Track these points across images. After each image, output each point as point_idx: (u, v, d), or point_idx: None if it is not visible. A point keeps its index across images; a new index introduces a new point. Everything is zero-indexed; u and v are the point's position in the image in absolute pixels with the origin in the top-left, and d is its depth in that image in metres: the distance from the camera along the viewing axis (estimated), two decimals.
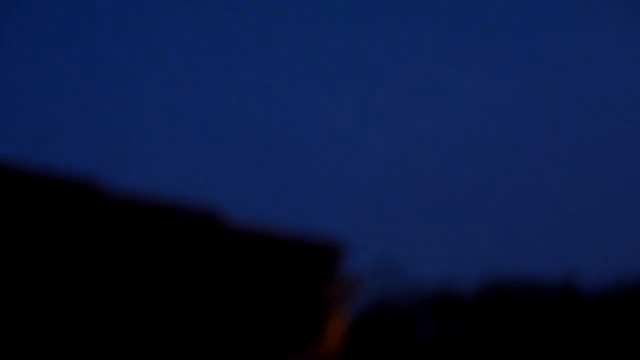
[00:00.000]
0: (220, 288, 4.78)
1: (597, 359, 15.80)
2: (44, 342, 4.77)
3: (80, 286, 4.87)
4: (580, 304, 16.57)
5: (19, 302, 4.75)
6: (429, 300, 17.06)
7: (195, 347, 4.80)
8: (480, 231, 30.88)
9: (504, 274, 17.17)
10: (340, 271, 4.92)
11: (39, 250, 4.97)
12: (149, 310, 4.74)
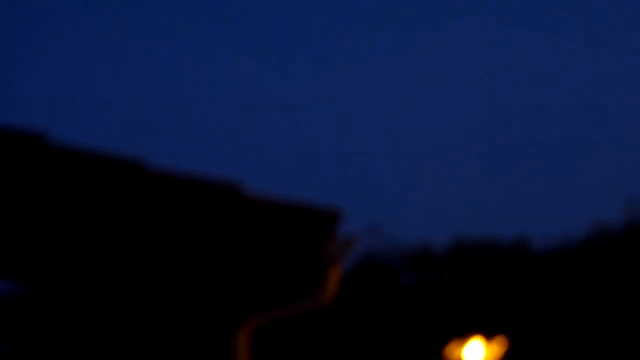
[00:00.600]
0: (242, 247, 5.06)
1: (544, 305, 16.72)
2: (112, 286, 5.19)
3: (123, 248, 5.16)
4: (531, 258, 17.58)
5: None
6: (409, 256, 18.22)
7: (218, 295, 5.05)
8: (449, 199, 31.86)
9: (469, 235, 17.99)
10: (337, 233, 5.10)
11: (94, 215, 5.19)
12: (182, 262, 5.00)
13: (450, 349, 16.15)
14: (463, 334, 16.50)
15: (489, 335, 16.33)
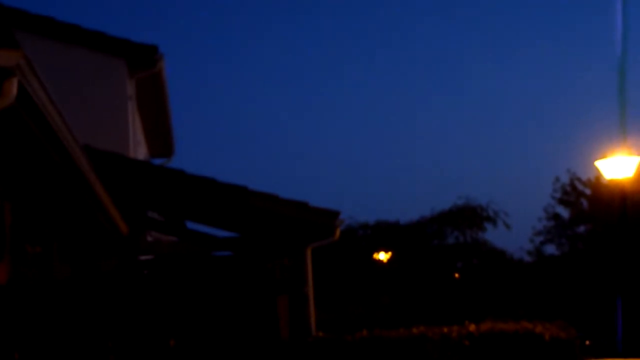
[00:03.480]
0: (312, 223, 13.51)
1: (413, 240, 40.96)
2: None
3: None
4: (401, 227, 43.55)
5: None
6: (361, 225, 42.47)
7: (303, 236, 13.53)
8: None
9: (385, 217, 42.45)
10: (339, 217, 14.05)
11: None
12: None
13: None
14: (377, 251, 40.57)
15: (386, 251, 40.76)
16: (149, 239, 16.46)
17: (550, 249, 43.14)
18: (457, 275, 41.70)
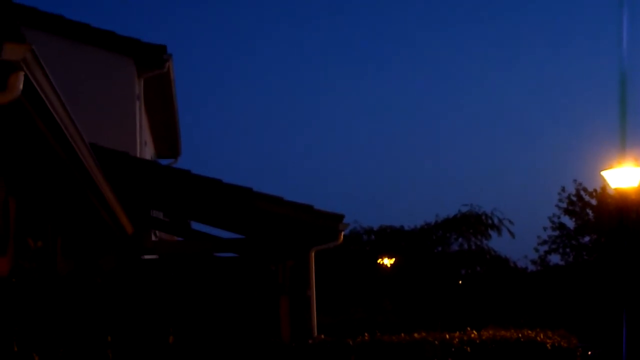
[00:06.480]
0: (317, 227, 14.15)
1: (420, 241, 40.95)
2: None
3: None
4: (406, 232, 43.48)
5: None
6: (365, 230, 43.06)
7: (306, 240, 14.20)
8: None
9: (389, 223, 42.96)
10: (342, 221, 14.64)
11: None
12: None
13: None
14: (381, 257, 41.13)
15: (390, 257, 41.47)
16: (154, 238, 16.51)
17: (555, 258, 43.23)
18: (460, 282, 41.98)
